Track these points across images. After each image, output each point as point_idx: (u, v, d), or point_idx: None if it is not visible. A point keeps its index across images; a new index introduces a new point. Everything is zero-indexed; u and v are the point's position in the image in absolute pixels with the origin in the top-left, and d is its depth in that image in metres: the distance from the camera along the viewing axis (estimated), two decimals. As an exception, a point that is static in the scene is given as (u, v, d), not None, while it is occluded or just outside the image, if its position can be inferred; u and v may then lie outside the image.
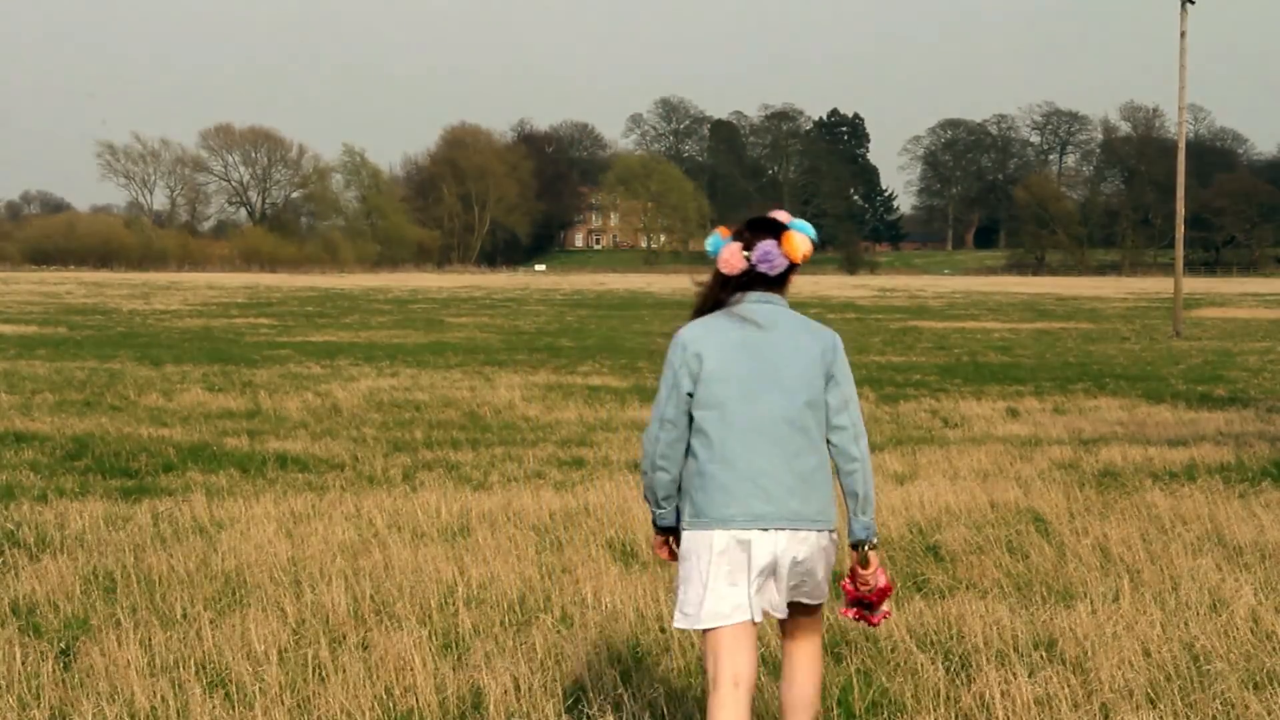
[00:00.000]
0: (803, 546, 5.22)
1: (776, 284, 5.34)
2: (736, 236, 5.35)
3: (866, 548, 5.39)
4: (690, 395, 5.21)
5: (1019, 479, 13.98)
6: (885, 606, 5.58)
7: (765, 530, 5.16)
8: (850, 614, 5.63)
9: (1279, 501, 12.46)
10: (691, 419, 5.23)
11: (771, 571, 5.21)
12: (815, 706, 5.52)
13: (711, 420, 5.18)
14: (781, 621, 5.51)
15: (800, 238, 5.27)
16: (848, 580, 5.52)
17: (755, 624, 5.26)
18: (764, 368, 5.19)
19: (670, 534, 5.45)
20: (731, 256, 5.29)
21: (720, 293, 5.35)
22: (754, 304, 5.28)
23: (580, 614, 8.60)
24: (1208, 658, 7.59)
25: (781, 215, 5.41)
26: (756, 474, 5.15)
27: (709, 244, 5.42)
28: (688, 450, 5.26)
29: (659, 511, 5.37)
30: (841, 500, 5.50)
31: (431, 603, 8.84)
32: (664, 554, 5.49)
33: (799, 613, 5.47)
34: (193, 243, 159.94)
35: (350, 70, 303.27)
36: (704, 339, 5.23)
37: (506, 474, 14.85)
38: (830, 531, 5.32)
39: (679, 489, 5.32)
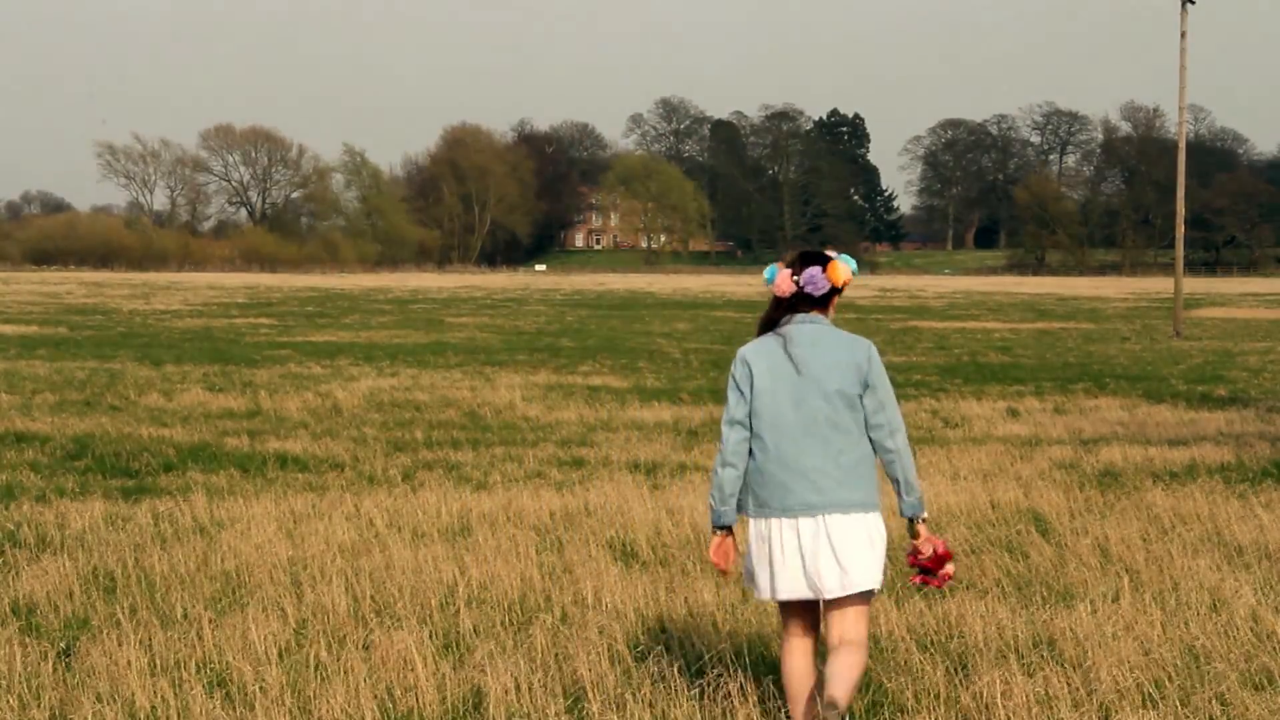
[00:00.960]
0: (851, 528, 6.08)
1: (820, 305, 6.24)
2: (788, 265, 6.26)
3: (916, 523, 6.25)
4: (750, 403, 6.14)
5: (1019, 479, 13.98)
6: (947, 568, 6.31)
7: (819, 516, 6.05)
8: (916, 580, 6.41)
9: (1279, 501, 12.46)
10: (751, 426, 6.13)
11: (825, 550, 6.05)
12: (846, 706, 6.10)
13: (766, 426, 6.10)
14: (830, 621, 6.24)
15: (843, 266, 6.20)
16: (909, 553, 6.34)
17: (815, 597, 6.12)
18: (808, 378, 6.08)
19: (729, 533, 6.24)
20: (783, 281, 6.22)
21: (775, 313, 6.26)
22: (800, 324, 6.19)
23: (580, 614, 8.60)
24: (1208, 658, 7.59)
25: (830, 251, 6.32)
26: (807, 470, 6.04)
27: (766, 273, 6.33)
28: (749, 452, 6.15)
29: (722, 509, 6.18)
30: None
31: (432, 603, 8.84)
32: (720, 558, 6.25)
33: (847, 606, 6.19)
34: (193, 243, 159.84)
35: (350, 70, 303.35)
36: (757, 358, 6.16)
37: (507, 474, 14.85)
38: (877, 514, 6.17)
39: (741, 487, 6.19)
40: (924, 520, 6.26)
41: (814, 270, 6.18)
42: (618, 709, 6.89)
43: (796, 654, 6.25)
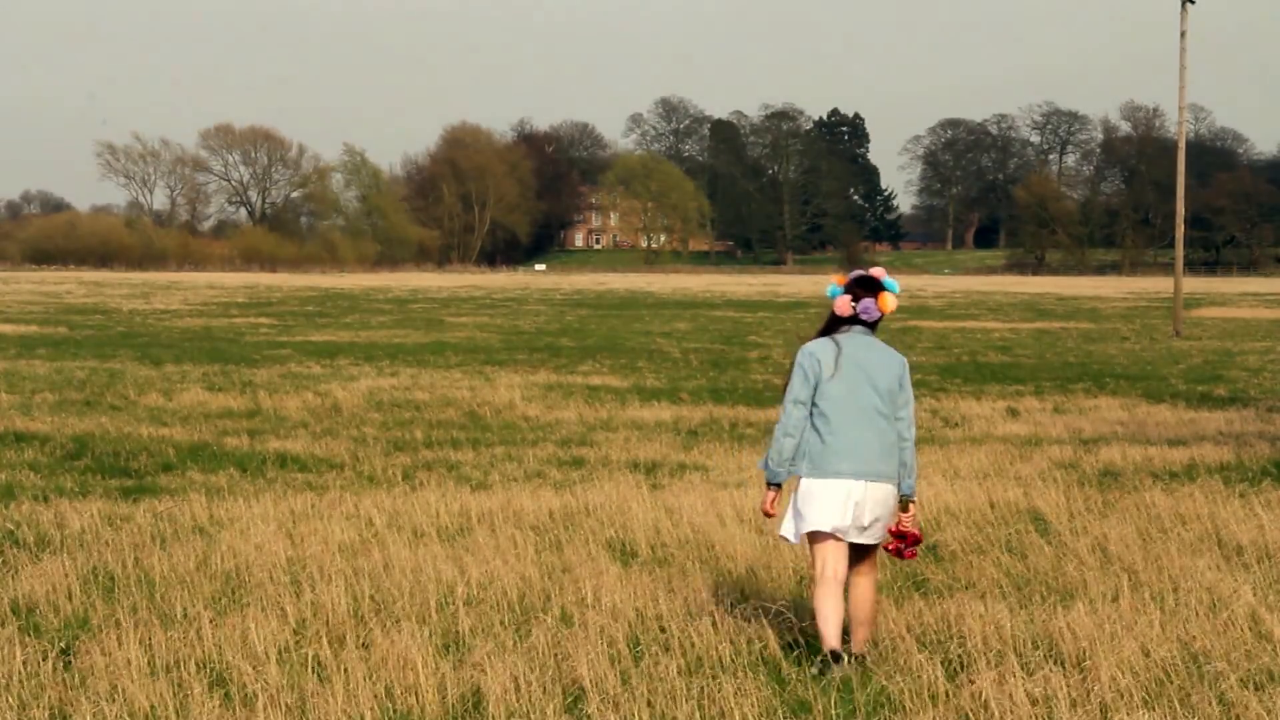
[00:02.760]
0: (882, 492, 7.72)
1: (872, 327, 7.92)
2: (848, 289, 7.86)
3: (908, 502, 7.86)
4: (814, 388, 7.73)
5: (1019, 479, 13.99)
6: (914, 548, 7.85)
7: (860, 480, 7.66)
8: (890, 547, 7.80)
9: (1279, 501, 12.46)
10: (815, 406, 7.72)
11: (861, 507, 7.66)
12: (873, 623, 7.89)
13: (829, 407, 7.71)
14: (852, 562, 7.78)
15: (891, 298, 7.86)
16: (891, 524, 7.82)
17: (848, 543, 7.71)
18: (862, 375, 7.73)
19: (780, 490, 7.81)
20: (844, 305, 7.84)
21: (835, 323, 7.90)
22: (857, 335, 7.86)
23: (580, 614, 8.61)
24: (1207, 657, 7.60)
25: (877, 272, 7.92)
26: (857, 444, 7.68)
27: (829, 290, 7.94)
28: (810, 426, 7.74)
29: (779, 470, 7.75)
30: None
31: (431, 602, 8.85)
32: (772, 508, 7.83)
33: (867, 552, 7.82)
34: (193, 242, 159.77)
35: (350, 70, 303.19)
36: (823, 353, 7.78)
37: (506, 474, 14.86)
38: (894, 487, 7.77)
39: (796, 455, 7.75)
40: (913, 502, 7.87)
41: (868, 302, 7.82)
42: (617, 709, 6.90)
43: (831, 591, 7.66)
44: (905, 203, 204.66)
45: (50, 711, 6.94)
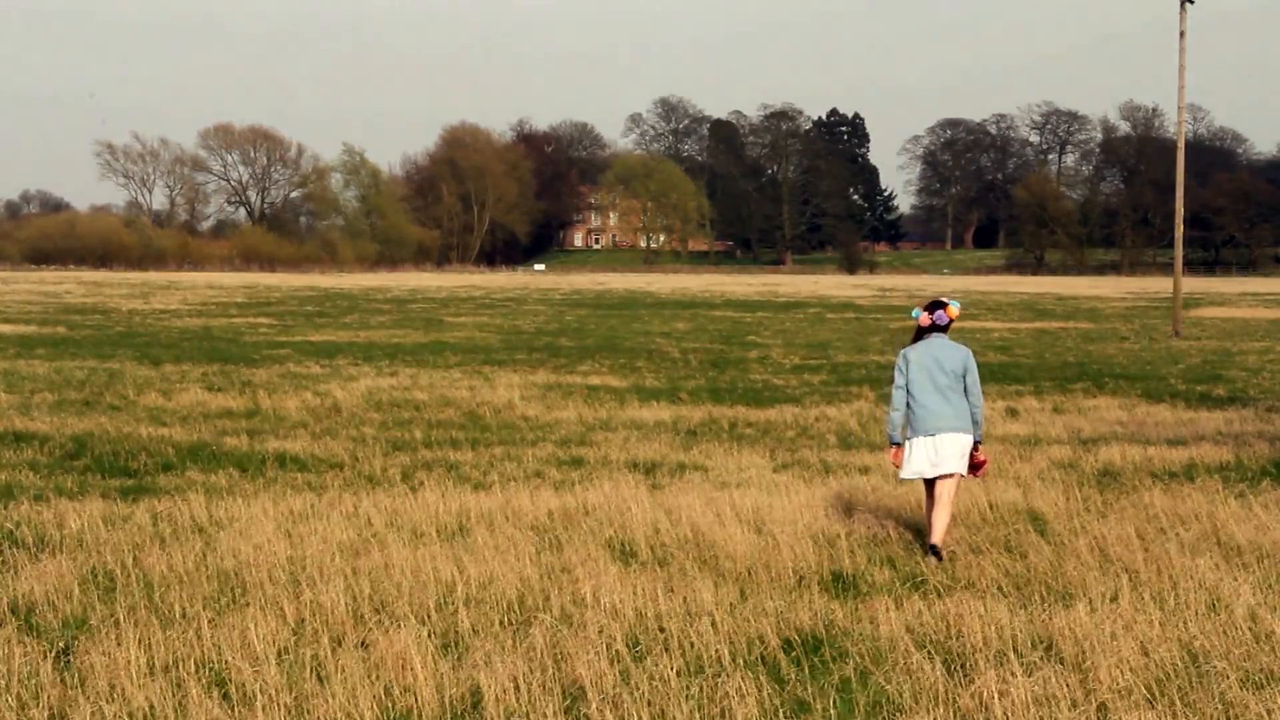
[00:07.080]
0: (957, 440, 10.90)
1: (944, 330, 11.19)
2: (926, 309, 11.16)
3: (977, 443, 11.03)
4: (908, 377, 11.06)
5: (1018, 479, 13.99)
6: (984, 470, 11.19)
7: (939, 434, 10.87)
8: (968, 474, 10.93)
9: (1278, 501, 12.46)
10: (909, 390, 11.01)
11: (941, 452, 10.84)
12: (946, 532, 10.79)
13: (917, 390, 11.00)
14: (932, 485, 10.92)
15: (956, 309, 11.23)
16: (966, 459, 10.88)
17: (934, 478, 10.91)
18: (938, 365, 11.00)
19: (900, 447, 11.03)
20: (925, 319, 11.14)
21: (919, 333, 11.20)
22: (934, 338, 11.15)
23: (579, 614, 8.60)
24: (1206, 657, 7.60)
25: (946, 299, 11.22)
26: (938, 411, 10.92)
27: (913, 313, 11.30)
28: (907, 403, 11.06)
29: (894, 433, 11.03)
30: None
31: (431, 602, 8.84)
32: (896, 459, 11.06)
33: (946, 478, 10.84)
34: (192, 242, 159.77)
35: (350, 70, 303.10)
36: (912, 355, 11.09)
37: (505, 474, 14.85)
38: (969, 436, 10.95)
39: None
40: (980, 443, 11.03)
41: (940, 313, 11.13)
42: (616, 709, 6.89)
43: (928, 500, 11.04)
44: (905, 203, 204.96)
45: (50, 712, 6.94)
